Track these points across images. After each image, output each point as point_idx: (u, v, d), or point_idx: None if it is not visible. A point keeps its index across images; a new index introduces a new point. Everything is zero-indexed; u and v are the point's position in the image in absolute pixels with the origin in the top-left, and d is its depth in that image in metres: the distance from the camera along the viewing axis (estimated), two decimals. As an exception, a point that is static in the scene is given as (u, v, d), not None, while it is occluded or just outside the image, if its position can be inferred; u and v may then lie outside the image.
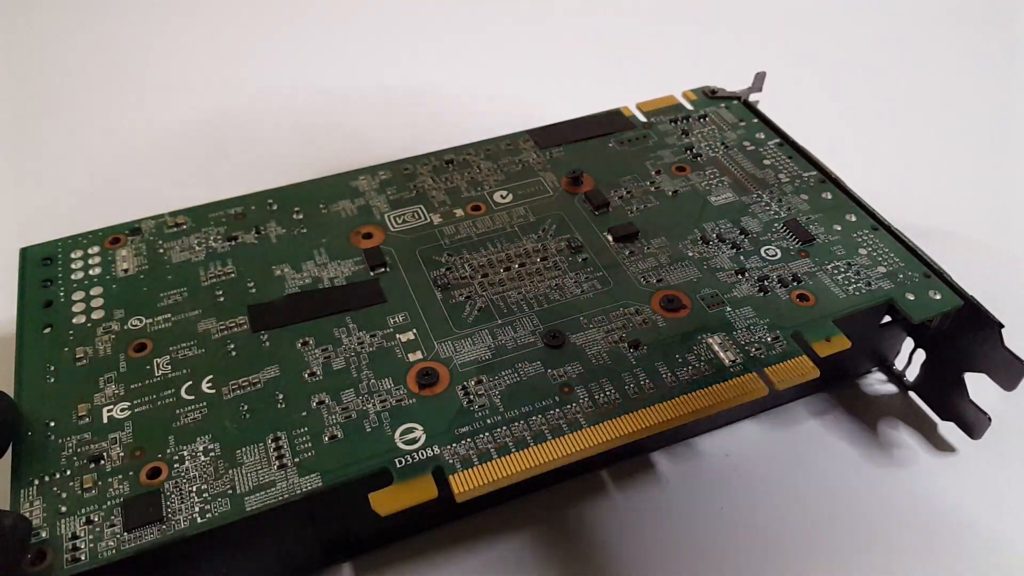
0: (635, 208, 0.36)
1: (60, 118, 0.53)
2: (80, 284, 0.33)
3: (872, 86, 0.55)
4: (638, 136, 0.41)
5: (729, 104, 0.43)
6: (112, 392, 0.29)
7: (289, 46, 0.60)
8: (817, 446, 0.34)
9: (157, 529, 0.25)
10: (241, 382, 0.29)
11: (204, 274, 0.33)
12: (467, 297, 0.32)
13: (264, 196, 0.37)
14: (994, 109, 0.53)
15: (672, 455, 0.33)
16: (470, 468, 0.26)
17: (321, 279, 0.33)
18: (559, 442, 0.27)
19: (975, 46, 0.58)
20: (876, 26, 0.61)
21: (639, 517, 0.31)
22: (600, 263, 0.34)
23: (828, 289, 0.32)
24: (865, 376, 0.36)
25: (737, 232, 0.35)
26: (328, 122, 0.52)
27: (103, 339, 0.31)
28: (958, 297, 0.32)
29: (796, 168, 0.38)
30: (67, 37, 0.60)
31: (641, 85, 0.46)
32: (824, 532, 0.31)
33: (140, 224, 0.36)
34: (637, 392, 0.28)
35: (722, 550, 0.30)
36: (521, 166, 0.39)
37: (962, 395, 0.33)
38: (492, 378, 0.29)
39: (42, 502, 0.26)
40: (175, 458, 0.27)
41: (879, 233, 0.34)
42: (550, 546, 0.30)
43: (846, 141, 0.50)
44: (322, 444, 0.27)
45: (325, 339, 0.31)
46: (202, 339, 0.31)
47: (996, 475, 0.33)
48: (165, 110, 0.53)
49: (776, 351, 0.30)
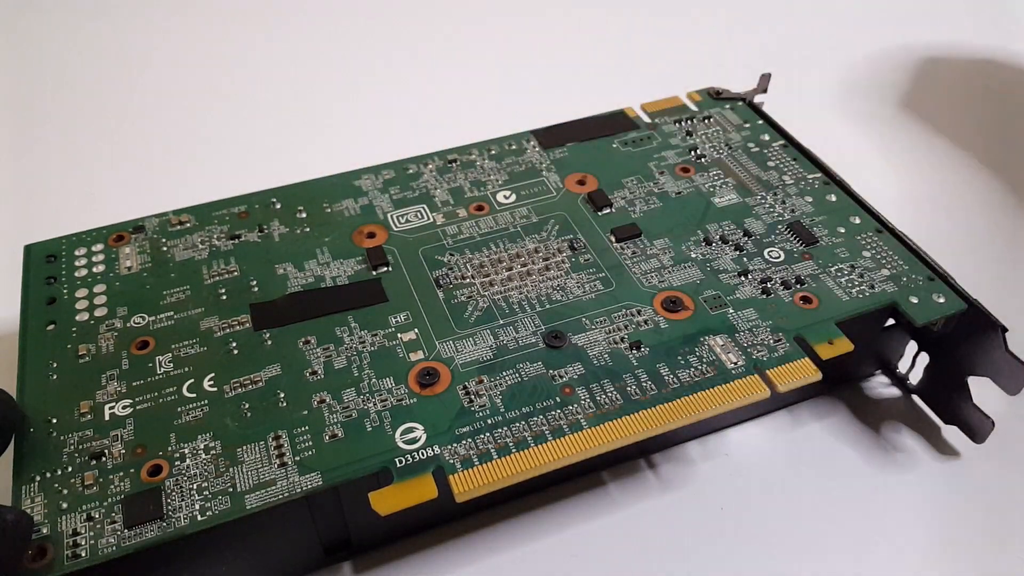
0: (638, 209, 0.36)
1: (64, 115, 0.53)
2: (83, 281, 0.33)
3: (874, 87, 0.55)
4: (642, 137, 0.41)
5: (734, 105, 0.43)
6: (114, 389, 0.29)
7: (292, 44, 0.60)
8: (819, 449, 0.34)
9: (157, 526, 0.25)
10: (243, 380, 0.29)
11: (207, 272, 0.34)
12: (469, 297, 0.32)
13: (267, 195, 0.37)
14: (996, 109, 0.53)
15: (673, 456, 0.33)
16: (470, 468, 0.26)
17: (323, 278, 0.33)
18: (560, 443, 0.27)
19: (976, 46, 0.58)
20: (879, 27, 0.61)
21: (639, 517, 0.31)
22: (602, 264, 0.34)
23: (831, 292, 0.32)
24: (868, 379, 0.36)
25: (740, 234, 0.35)
26: (331, 120, 0.52)
27: (106, 336, 0.31)
28: (962, 300, 0.31)
29: (800, 170, 0.38)
30: (70, 34, 0.60)
31: (645, 86, 0.46)
32: (825, 535, 0.31)
33: (144, 222, 0.36)
34: (638, 393, 0.28)
35: (722, 551, 0.30)
36: (524, 166, 0.39)
37: (965, 399, 0.32)
38: (493, 378, 0.29)
39: (43, 498, 0.26)
40: (176, 456, 0.27)
41: (883, 236, 0.34)
42: (550, 546, 0.30)
43: (850, 143, 0.49)
44: (323, 443, 0.27)
45: (327, 338, 0.31)
46: (204, 337, 0.31)
47: (999, 479, 0.32)
48: (169, 107, 0.54)
49: (778, 353, 0.30)
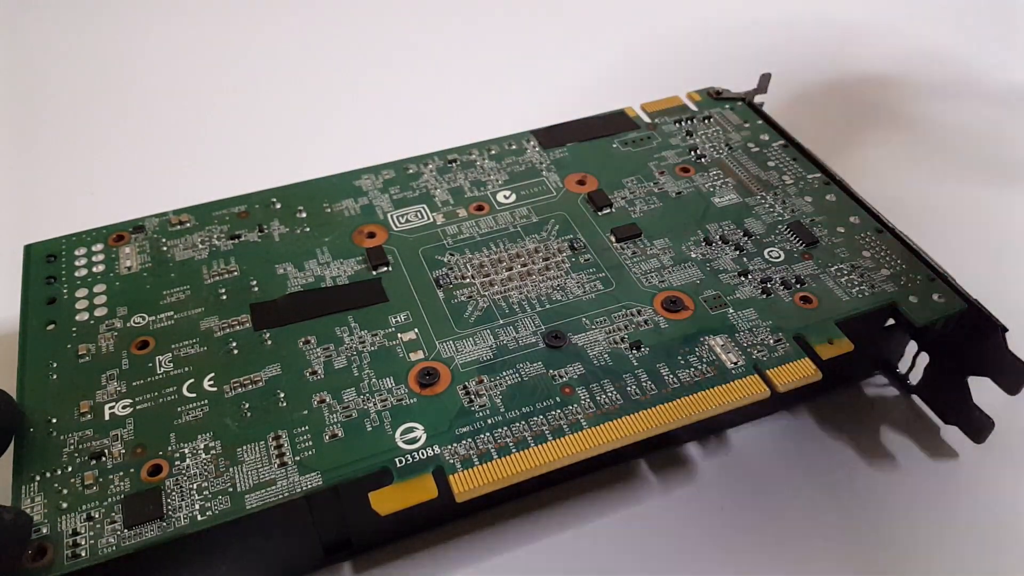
0: (638, 209, 0.36)
1: (64, 115, 0.53)
2: (83, 281, 0.33)
3: (876, 88, 0.55)
4: (642, 137, 0.41)
5: (734, 105, 0.43)
6: (114, 389, 0.29)
7: (292, 44, 0.60)
8: (819, 448, 0.34)
9: (157, 526, 0.25)
10: (243, 380, 0.29)
11: (207, 272, 0.34)
12: (469, 297, 0.32)
13: (268, 194, 0.37)
14: (998, 113, 0.53)
15: (673, 456, 0.33)
16: (470, 468, 0.26)
17: (324, 278, 0.33)
18: (560, 443, 0.27)
19: (978, 48, 0.58)
20: (880, 28, 0.61)
21: (640, 517, 0.31)
22: (602, 264, 0.34)
23: (831, 291, 0.32)
24: (868, 379, 0.36)
25: (740, 234, 0.35)
26: (332, 120, 0.52)
27: (106, 336, 0.31)
28: (962, 300, 0.31)
29: (800, 170, 0.38)
30: (70, 34, 0.60)
31: (645, 85, 0.46)
32: (825, 534, 0.31)
33: (144, 222, 0.36)
34: (638, 393, 0.28)
35: (722, 551, 0.30)
36: (524, 166, 0.39)
37: (965, 399, 0.32)
38: (493, 378, 0.29)
39: (43, 498, 0.26)
40: (176, 456, 0.27)
41: (883, 236, 0.34)
42: (550, 546, 0.30)
43: (850, 143, 0.49)
44: (323, 443, 0.27)
45: (327, 338, 0.31)
46: (204, 337, 0.31)
47: (999, 479, 0.32)
48: (169, 107, 0.54)
49: (778, 353, 0.30)
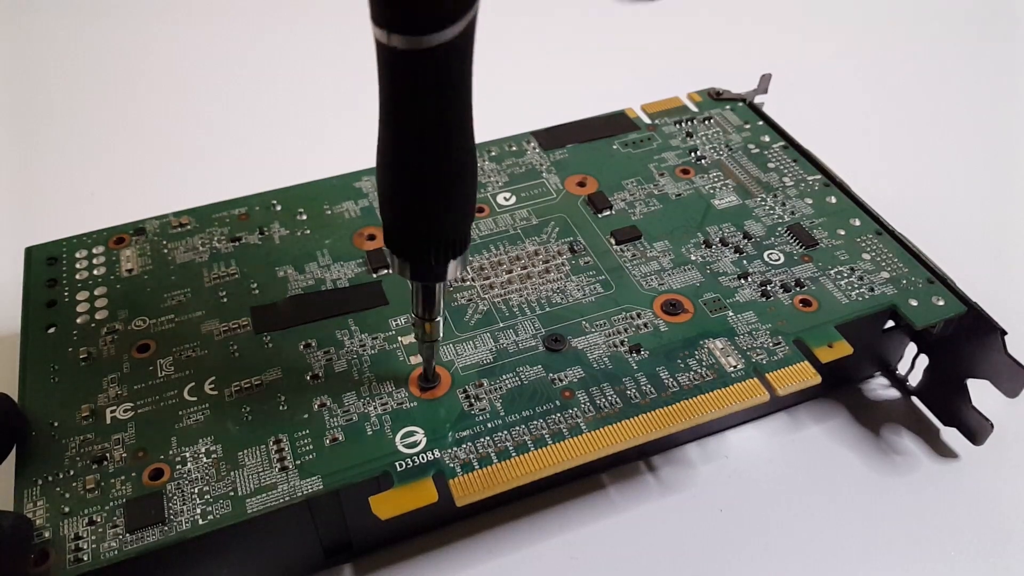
0: (638, 211, 0.36)
1: (65, 117, 0.53)
2: (84, 284, 0.33)
3: (877, 90, 0.55)
4: (642, 138, 0.41)
5: (734, 106, 0.42)
6: (115, 393, 0.29)
7: (293, 46, 0.60)
8: (819, 450, 0.34)
9: (159, 531, 0.25)
10: (243, 384, 0.29)
11: (208, 275, 0.34)
12: (469, 300, 0.32)
13: (268, 197, 0.37)
14: (999, 114, 0.53)
15: (673, 458, 0.33)
16: (470, 472, 0.26)
17: (324, 280, 0.33)
18: (560, 447, 0.27)
19: (979, 48, 0.58)
20: (882, 29, 0.61)
21: (639, 520, 0.31)
22: (602, 266, 0.34)
23: (831, 294, 0.32)
24: (868, 380, 0.36)
25: (740, 236, 0.35)
26: (332, 122, 0.52)
27: (106, 339, 0.31)
28: (961, 303, 0.32)
29: (800, 172, 0.38)
30: (70, 35, 0.60)
31: (646, 86, 0.45)
32: (824, 537, 0.31)
33: (144, 224, 0.36)
34: (638, 397, 0.28)
35: (722, 553, 0.30)
36: (524, 168, 0.39)
37: (965, 401, 0.33)
38: (493, 382, 0.29)
39: (45, 502, 0.26)
40: (177, 459, 0.27)
41: (883, 238, 0.34)
42: (550, 549, 0.31)
43: (851, 145, 0.49)
44: (323, 447, 0.27)
45: (327, 341, 0.31)
46: (205, 340, 0.31)
47: (998, 482, 0.33)
48: (170, 109, 0.54)
49: (778, 356, 0.30)
